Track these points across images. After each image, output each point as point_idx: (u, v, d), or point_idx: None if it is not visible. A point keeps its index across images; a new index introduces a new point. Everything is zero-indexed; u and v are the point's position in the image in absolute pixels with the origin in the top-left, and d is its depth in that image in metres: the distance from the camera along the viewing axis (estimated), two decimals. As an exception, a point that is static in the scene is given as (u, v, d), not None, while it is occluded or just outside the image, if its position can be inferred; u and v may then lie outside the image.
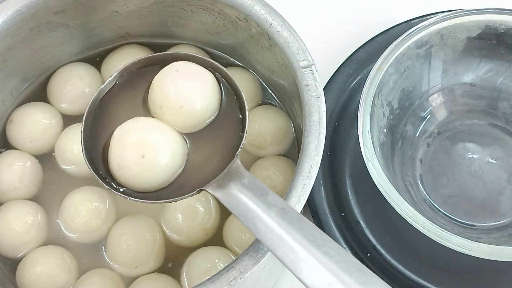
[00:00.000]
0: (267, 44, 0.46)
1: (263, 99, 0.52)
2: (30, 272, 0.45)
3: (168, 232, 0.47)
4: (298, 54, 0.43)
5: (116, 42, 0.54)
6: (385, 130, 0.50)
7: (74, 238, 0.47)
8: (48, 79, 0.53)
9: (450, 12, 0.50)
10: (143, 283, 0.45)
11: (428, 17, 0.55)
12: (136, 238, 0.46)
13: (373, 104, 0.47)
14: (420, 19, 0.57)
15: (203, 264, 0.45)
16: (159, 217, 0.48)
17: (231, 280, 0.36)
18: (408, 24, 0.57)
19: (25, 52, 0.50)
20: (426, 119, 0.54)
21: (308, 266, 0.32)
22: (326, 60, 0.55)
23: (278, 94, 0.52)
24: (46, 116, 0.50)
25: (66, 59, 0.53)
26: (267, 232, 0.34)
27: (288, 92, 0.48)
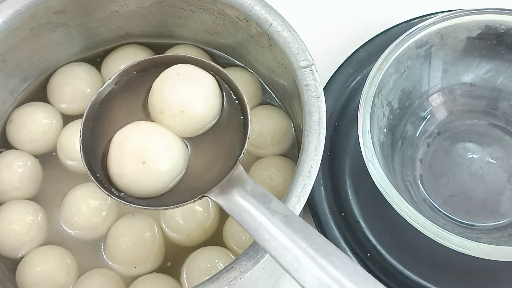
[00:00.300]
0: (267, 44, 0.46)
1: (263, 99, 0.52)
2: (30, 272, 0.45)
3: (167, 231, 0.47)
4: (298, 54, 0.43)
5: (116, 42, 0.54)
6: (385, 130, 0.50)
7: (73, 235, 0.47)
8: (48, 79, 0.53)
9: (450, 12, 0.50)
10: (143, 283, 0.45)
11: (428, 17, 0.55)
12: (135, 238, 0.46)
13: (373, 104, 0.47)
14: (420, 19, 0.57)
15: (203, 264, 0.45)
16: (158, 216, 0.48)
17: (231, 280, 0.36)
18: (408, 24, 0.57)
19: (25, 52, 0.50)
20: (426, 119, 0.54)
21: (313, 276, 0.31)
22: (326, 60, 0.55)
23: (278, 94, 0.52)
24: (46, 116, 0.50)
25: (66, 59, 0.53)
26: (271, 240, 0.33)
27: (288, 92, 0.48)
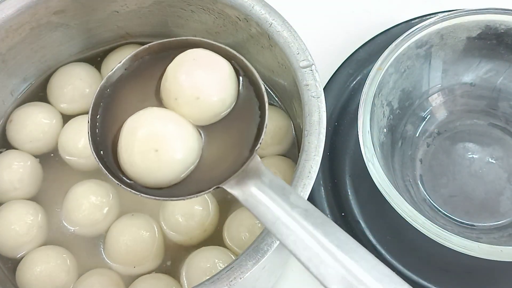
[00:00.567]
0: (267, 44, 0.46)
1: (263, 99, 0.52)
2: (30, 272, 0.45)
3: (167, 230, 0.47)
4: (298, 54, 0.43)
5: (116, 42, 0.54)
6: (385, 130, 0.50)
7: (73, 231, 0.47)
8: (48, 79, 0.53)
9: (450, 12, 0.50)
10: (143, 283, 0.45)
11: (428, 17, 0.55)
12: (134, 237, 0.46)
13: (373, 104, 0.47)
14: (420, 19, 0.57)
15: (203, 264, 0.44)
16: (158, 215, 0.48)
17: (231, 280, 0.36)
18: (408, 24, 0.57)
19: (25, 52, 0.50)
20: (426, 119, 0.54)
21: (335, 273, 0.30)
22: (326, 60, 0.55)
23: (278, 94, 0.52)
24: (46, 116, 0.50)
25: (66, 59, 0.53)
26: (289, 235, 0.32)
27: (288, 92, 0.48)
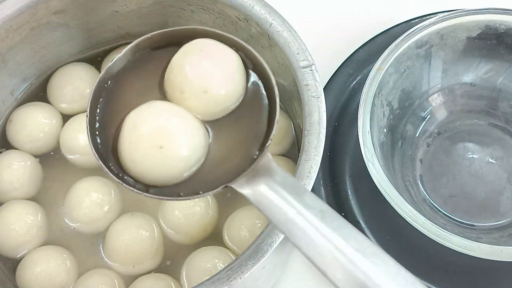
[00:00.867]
0: (267, 44, 0.46)
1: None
2: (30, 272, 0.45)
3: (166, 229, 0.47)
4: (298, 54, 0.43)
5: (116, 42, 0.54)
6: (385, 130, 0.50)
7: (73, 228, 0.47)
8: (48, 79, 0.53)
9: (450, 12, 0.50)
10: (143, 283, 0.45)
11: (428, 17, 0.55)
12: (134, 237, 0.46)
13: (373, 104, 0.47)
14: (420, 19, 0.57)
15: (203, 264, 0.44)
16: (157, 214, 0.47)
17: (231, 280, 0.36)
18: (408, 24, 0.57)
19: (25, 52, 0.50)
20: (426, 119, 0.54)
21: (354, 280, 0.28)
22: (326, 60, 0.55)
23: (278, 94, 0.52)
24: (46, 116, 0.50)
25: (66, 59, 0.53)
26: (304, 238, 0.29)
27: (288, 92, 0.48)
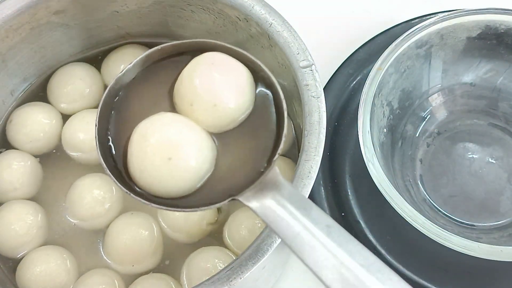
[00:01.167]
0: (267, 44, 0.46)
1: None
2: (30, 272, 0.45)
3: (166, 228, 0.47)
4: (298, 54, 0.43)
5: (116, 42, 0.54)
6: (385, 130, 0.50)
7: (74, 225, 0.47)
8: (48, 79, 0.53)
9: (450, 12, 0.50)
10: (143, 283, 0.45)
11: (428, 17, 0.55)
12: (133, 236, 0.46)
13: (373, 104, 0.47)
14: (420, 19, 0.57)
15: (203, 264, 0.44)
16: (156, 213, 0.48)
17: (231, 280, 0.36)
18: (408, 24, 0.57)
19: (25, 52, 0.50)
20: (426, 119, 0.54)
21: None
22: (326, 60, 0.55)
23: (278, 94, 0.52)
24: (46, 116, 0.50)
25: (66, 59, 0.53)
26: (311, 253, 0.30)
27: (288, 92, 0.48)
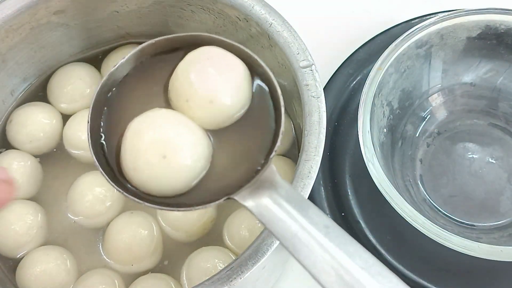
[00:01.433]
0: (267, 44, 0.46)
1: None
2: (30, 272, 0.45)
3: (165, 226, 0.47)
4: (298, 54, 0.43)
5: (116, 42, 0.54)
6: (385, 130, 0.50)
7: (74, 222, 0.48)
8: (48, 79, 0.53)
9: (450, 12, 0.50)
10: (143, 283, 0.45)
11: (428, 17, 0.55)
12: (133, 235, 0.46)
13: (373, 104, 0.47)
14: (420, 19, 0.57)
15: (203, 264, 0.44)
16: (155, 211, 0.47)
17: (231, 280, 0.36)
18: (408, 24, 0.57)
19: (25, 52, 0.50)
20: (426, 119, 0.54)
21: None
22: (326, 60, 0.55)
23: (278, 94, 0.52)
24: (46, 116, 0.50)
25: (66, 59, 0.53)
26: (308, 254, 0.29)
27: (288, 92, 0.48)
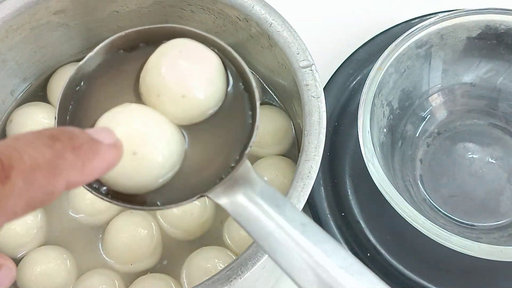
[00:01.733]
0: (267, 44, 0.46)
1: (263, 99, 0.52)
2: (30, 272, 0.45)
3: (164, 225, 0.47)
4: (298, 54, 0.43)
5: (116, 42, 0.54)
6: (385, 130, 0.50)
7: (75, 219, 0.48)
8: (48, 79, 0.53)
9: (450, 12, 0.50)
10: (143, 283, 0.45)
11: (428, 17, 0.55)
12: (132, 234, 0.46)
13: (373, 104, 0.47)
14: (420, 19, 0.57)
15: (203, 264, 0.45)
16: (155, 211, 0.47)
17: (231, 280, 0.36)
18: (408, 24, 0.57)
19: (25, 52, 0.50)
20: (426, 119, 0.54)
21: None
22: (326, 60, 0.55)
23: (278, 94, 0.52)
24: (46, 116, 0.50)
25: (66, 59, 0.53)
26: (284, 253, 0.28)
27: (288, 92, 0.48)
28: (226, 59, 0.35)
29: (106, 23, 0.51)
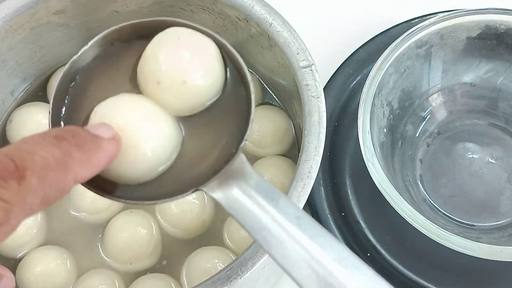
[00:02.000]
0: (267, 44, 0.46)
1: (263, 99, 0.52)
2: (30, 272, 0.45)
3: (164, 224, 0.47)
4: (298, 54, 0.43)
5: (116, 42, 0.54)
6: (385, 130, 0.50)
7: (76, 218, 0.48)
8: (48, 79, 0.53)
9: (450, 12, 0.50)
10: (143, 283, 0.45)
11: (428, 17, 0.55)
12: (132, 234, 0.46)
13: (373, 104, 0.47)
14: (420, 19, 0.57)
15: (203, 264, 0.45)
16: (154, 209, 0.48)
17: (231, 280, 0.36)
18: (408, 24, 0.57)
19: (25, 52, 0.50)
20: (426, 119, 0.54)
21: None
22: (326, 60, 0.55)
23: (278, 94, 0.52)
24: (46, 116, 0.50)
25: (66, 59, 0.53)
26: (279, 247, 0.28)
27: (288, 92, 0.48)
28: (223, 53, 0.34)
29: (106, 23, 0.51)
